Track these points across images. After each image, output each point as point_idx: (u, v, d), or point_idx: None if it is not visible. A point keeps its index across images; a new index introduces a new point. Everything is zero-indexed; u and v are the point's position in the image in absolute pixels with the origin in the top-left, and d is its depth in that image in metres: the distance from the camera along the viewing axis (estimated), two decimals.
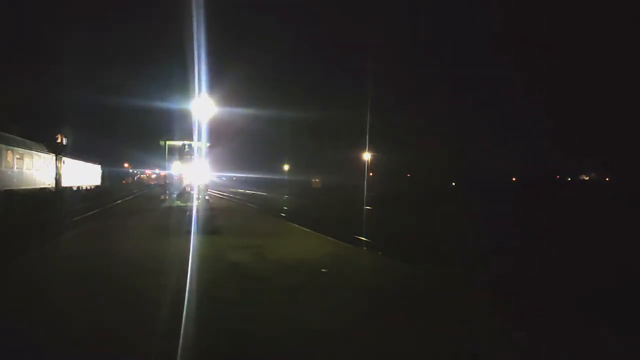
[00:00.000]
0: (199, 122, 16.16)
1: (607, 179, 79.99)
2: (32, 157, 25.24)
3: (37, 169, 26.05)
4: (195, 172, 21.64)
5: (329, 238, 12.78)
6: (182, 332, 4.70)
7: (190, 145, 26.55)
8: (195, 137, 22.54)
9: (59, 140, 32.02)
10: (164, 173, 39.43)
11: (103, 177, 51.97)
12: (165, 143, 27.22)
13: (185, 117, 20.94)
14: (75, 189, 36.19)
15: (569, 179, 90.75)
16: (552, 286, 9.32)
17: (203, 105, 15.02)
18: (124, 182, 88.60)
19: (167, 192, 29.37)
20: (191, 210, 14.35)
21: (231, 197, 43.82)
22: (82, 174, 39.63)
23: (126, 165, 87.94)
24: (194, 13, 14.32)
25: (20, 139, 24.13)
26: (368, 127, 48.76)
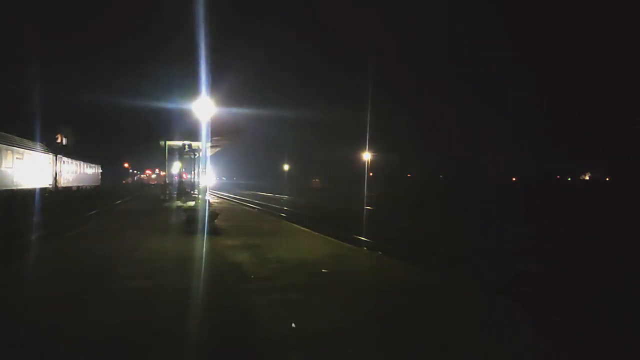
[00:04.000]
0: (199, 122, 16.14)
1: (607, 179, 79.95)
2: (32, 157, 25.23)
3: (37, 169, 26.03)
4: (196, 172, 21.64)
5: (329, 238, 12.75)
6: (184, 329, 4.68)
7: (190, 146, 26.53)
8: (195, 137, 22.54)
9: (58, 140, 32.09)
10: (164, 173, 39.42)
11: (103, 178, 52.03)
12: (165, 143, 27.15)
13: (185, 117, 20.91)
14: (74, 189, 36.16)
15: (569, 178, 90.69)
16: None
17: (204, 105, 15.01)
18: (123, 182, 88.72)
19: (167, 192, 29.31)
20: (191, 211, 14.31)
21: (231, 197, 43.79)
22: (82, 174, 39.63)
23: (126, 165, 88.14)
24: (196, 11, 14.31)
25: (20, 138, 24.12)
26: (368, 127, 48.77)
